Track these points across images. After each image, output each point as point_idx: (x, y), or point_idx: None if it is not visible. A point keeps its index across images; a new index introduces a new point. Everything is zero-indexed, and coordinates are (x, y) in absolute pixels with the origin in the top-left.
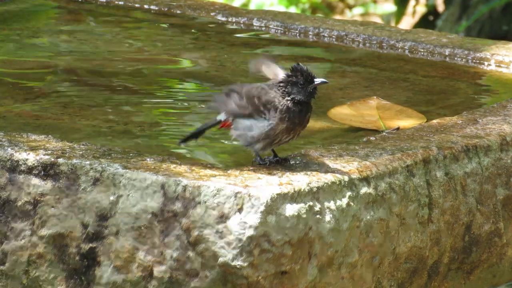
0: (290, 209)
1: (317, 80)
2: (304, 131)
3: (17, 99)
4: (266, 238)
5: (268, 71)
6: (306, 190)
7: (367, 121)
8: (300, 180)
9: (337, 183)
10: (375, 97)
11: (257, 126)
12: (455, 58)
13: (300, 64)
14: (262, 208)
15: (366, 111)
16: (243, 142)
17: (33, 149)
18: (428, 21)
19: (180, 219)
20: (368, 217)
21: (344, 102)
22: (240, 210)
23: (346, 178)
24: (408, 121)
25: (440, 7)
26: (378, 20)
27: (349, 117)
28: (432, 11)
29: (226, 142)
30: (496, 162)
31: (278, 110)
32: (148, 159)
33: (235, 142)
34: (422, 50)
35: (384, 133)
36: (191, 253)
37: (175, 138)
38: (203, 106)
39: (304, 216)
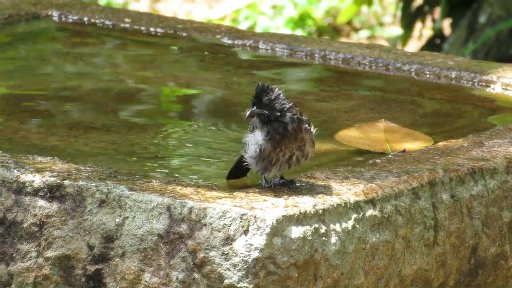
0: (296, 231)
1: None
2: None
3: (23, 121)
4: (272, 260)
5: None
6: (312, 212)
7: (374, 143)
8: (306, 202)
9: (343, 205)
10: (383, 119)
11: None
12: (461, 81)
13: (260, 84)
14: (267, 230)
15: (374, 134)
16: (252, 165)
17: (39, 171)
18: (434, 44)
19: (186, 241)
20: (374, 239)
21: (350, 125)
22: (245, 232)
23: (352, 200)
24: (416, 144)
25: (447, 31)
26: (385, 43)
27: (357, 139)
28: (438, 34)
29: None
30: (502, 185)
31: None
32: (154, 181)
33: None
34: (428, 72)
35: (390, 156)
36: (196, 275)
37: (181, 160)
38: (212, 127)
39: (310, 238)
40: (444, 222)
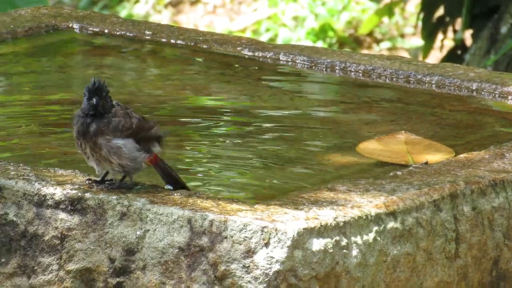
0: (317, 244)
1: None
2: (331, 165)
3: (44, 133)
4: (293, 272)
5: None
6: (333, 225)
7: (396, 155)
8: (327, 215)
9: (364, 217)
10: (403, 131)
11: None
12: (482, 93)
13: (95, 79)
14: (288, 242)
15: (395, 146)
16: None
17: (60, 184)
18: (456, 55)
19: (207, 254)
20: (395, 252)
21: (371, 137)
22: (266, 244)
23: (373, 212)
24: (437, 156)
25: (468, 41)
26: (406, 55)
27: (377, 151)
28: (460, 45)
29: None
30: None
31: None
32: (175, 194)
33: None
34: (449, 84)
35: (411, 168)
36: None
37: (202, 172)
38: (232, 140)
39: (331, 250)
40: (465, 234)
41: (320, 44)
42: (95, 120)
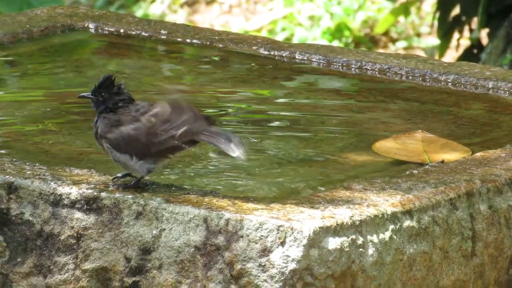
0: (333, 243)
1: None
2: (347, 164)
3: (60, 132)
4: (309, 271)
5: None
6: (349, 224)
7: (412, 154)
8: (343, 214)
9: (380, 216)
10: (420, 130)
11: None
12: (499, 91)
13: (105, 75)
14: (304, 241)
15: (411, 145)
16: None
17: (76, 183)
18: (472, 54)
19: (223, 253)
20: (411, 250)
21: (387, 136)
22: (282, 243)
23: (389, 211)
24: (453, 154)
25: (484, 40)
26: (422, 54)
27: (394, 150)
28: (476, 44)
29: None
30: None
31: None
32: (191, 193)
33: None
34: (465, 83)
35: (427, 166)
36: (233, 287)
37: (217, 171)
38: (247, 139)
39: (347, 249)
40: (482, 232)
41: (336, 43)
42: (100, 119)
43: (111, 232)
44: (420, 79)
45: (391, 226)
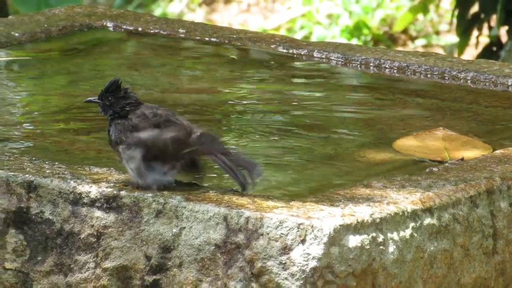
0: (353, 240)
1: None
2: (366, 162)
3: (79, 132)
4: (330, 269)
5: None
6: (369, 221)
7: (432, 152)
8: (363, 211)
9: (400, 214)
10: (441, 128)
11: None
12: None
13: (116, 80)
14: (325, 239)
15: (432, 142)
16: None
17: (95, 181)
18: (491, 51)
19: (243, 251)
20: (432, 248)
21: (406, 133)
22: (303, 241)
23: (409, 209)
24: (474, 152)
25: (504, 38)
26: (441, 52)
27: (414, 148)
28: (495, 41)
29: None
30: None
31: None
32: (210, 191)
33: None
34: (484, 80)
35: (447, 164)
36: (254, 285)
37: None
38: (268, 138)
39: (368, 247)
40: (503, 230)
41: (354, 41)
42: (113, 125)
43: (131, 230)
44: (439, 76)
45: (412, 224)
